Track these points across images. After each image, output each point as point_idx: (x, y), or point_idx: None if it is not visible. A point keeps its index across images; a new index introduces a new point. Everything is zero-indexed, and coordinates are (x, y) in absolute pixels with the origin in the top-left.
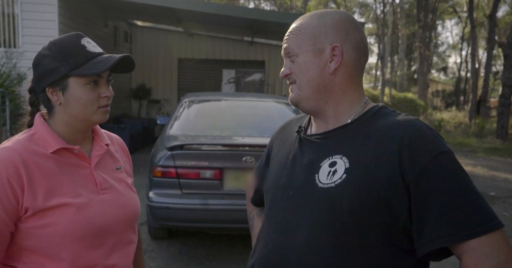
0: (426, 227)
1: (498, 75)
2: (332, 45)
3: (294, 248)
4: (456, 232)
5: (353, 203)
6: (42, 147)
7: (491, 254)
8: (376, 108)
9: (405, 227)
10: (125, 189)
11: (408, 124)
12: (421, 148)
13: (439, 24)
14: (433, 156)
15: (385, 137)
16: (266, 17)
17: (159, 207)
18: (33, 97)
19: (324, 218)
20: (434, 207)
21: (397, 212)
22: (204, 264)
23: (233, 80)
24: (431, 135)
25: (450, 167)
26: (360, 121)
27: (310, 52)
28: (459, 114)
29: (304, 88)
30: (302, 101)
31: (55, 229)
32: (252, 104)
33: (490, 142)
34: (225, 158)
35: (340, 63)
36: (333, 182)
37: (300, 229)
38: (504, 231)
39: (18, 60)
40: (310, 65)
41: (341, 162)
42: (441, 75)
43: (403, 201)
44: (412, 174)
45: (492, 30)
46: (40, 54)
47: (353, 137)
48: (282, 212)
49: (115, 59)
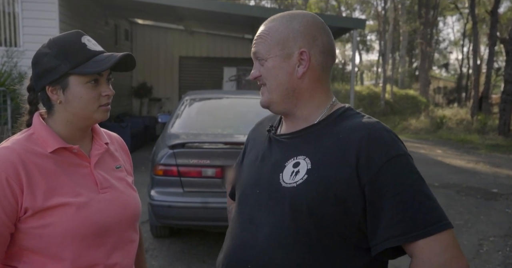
0: (379, 227)
1: (500, 71)
2: (300, 50)
3: (256, 244)
4: (406, 232)
5: (312, 203)
6: (41, 146)
7: (439, 253)
8: (342, 109)
9: (360, 227)
10: (126, 188)
11: (368, 126)
12: (377, 151)
13: (441, 20)
14: (389, 159)
15: (345, 139)
16: (267, 15)
17: (161, 206)
18: (32, 95)
19: (285, 217)
20: (387, 208)
21: (352, 212)
22: (206, 262)
23: (234, 78)
24: (389, 138)
25: (404, 169)
26: (326, 122)
27: (278, 57)
28: (461, 110)
29: (273, 92)
30: (272, 105)
31: (55, 229)
32: (253, 102)
33: (492, 139)
34: (226, 156)
35: (307, 67)
36: (294, 182)
37: (263, 226)
38: (453, 232)
39: (19, 59)
40: (278, 70)
41: (304, 163)
42: (442, 72)
43: (359, 202)
44: (368, 176)
45: (494, 26)
46: (39, 52)
47: (317, 138)
48: (248, 209)
49: (117, 57)
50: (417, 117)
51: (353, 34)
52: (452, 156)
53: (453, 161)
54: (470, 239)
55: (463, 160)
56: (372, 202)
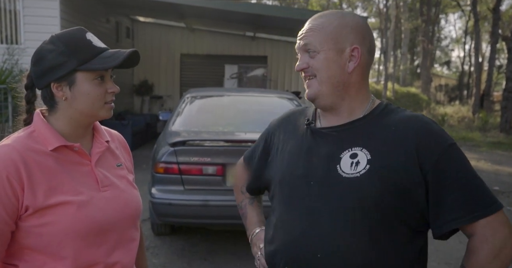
0: (443, 210)
1: (502, 69)
2: (352, 46)
3: (319, 234)
4: (470, 212)
5: (377, 191)
6: (41, 144)
7: (498, 229)
8: (384, 104)
9: (423, 212)
10: (126, 186)
11: (419, 119)
12: (434, 141)
13: (442, 18)
14: (446, 148)
15: (400, 131)
16: (269, 12)
17: (162, 203)
18: (30, 93)
19: (349, 205)
20: (449, 192)
21: (415, 198)
22: (207, 260)
23: (235, 75)
24: (439, 129)
25: (459, 157)
26: (372, 116)
27: (332, 51)
28: (463, 108)
29: (324, 83)
30: (320, 97)
31: (56, 227)
32: (254, 100)
33: (494, 136)
34: (227, 154)
35: (357, 63)
36: (357, 173)
37: (324, 216)
38: (503, 210)
39: (20, 57)
40: (331, 63)
41: (362, 154)
42: (444, 69)
43: (421, 188)
44: (429, 164)
45: (496, 24)
46: (43, 49)
47: (368, 130)
48: (303, 201)
49: (126, 54)
50: None
51: None
52: None
53: None
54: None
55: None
56: (435, 187)
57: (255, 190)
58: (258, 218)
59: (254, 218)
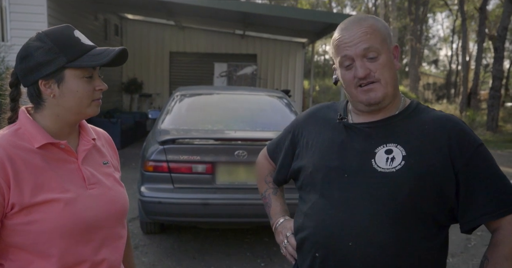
0: (473, 206)
1: (489, 67)
2: (394, 45)
3: (356, 224)
4: (496, 209)
5: (412, 186)
6: (27, 142)
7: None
8: (415, 103)
9: (452, 207)
10: (113, 184)
11: (450, 119)
12: (465, 140)
13: (430, 17)
14: (476, 147)
15: (433, 129)
16: (258, 10)
17: (151, 202)
18: (15, 91)
19: (384, 198)
20: (480, 188)
21: (447, 195)
22: (197, 259)
23: (225, 73)
24: (469, 129)
25: (488, 156)
26: (405, 114)
27: (388, 52)
28: (450, 106)
29: (389, 85)
30: (386, 99)
31: (43, 225)
32: (244, 98)
33: (481, 134)
34: (217, 152)
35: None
36: (393, 168)
37: (359, 206)
38: None
39: (7, 54)
40: (390, 63)
41: (397, 150)
42: (432, 68)
43: (452, 184)
44: (461, 162)
45: (483, 23)
46: (30, 46)
47: (403, 127)
48: (338, 192)
49: (115, 51)
50: None
51: None
52: None
53: None
54: (458, 234)
55: None
56: (466, 184)
57: (281, 181)
58: (282, 207)
59: (278, 207)
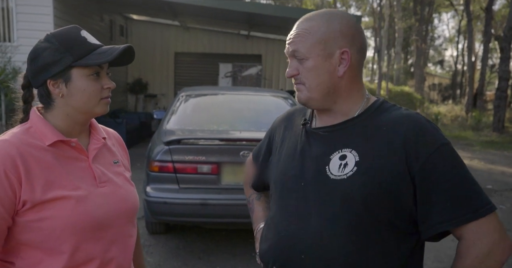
0: (432, 212)
1: (495, 68)
2: (342, 50)
3: (307, 235)
4: (459, 215)
5: (365, 193)
6: (38, 140)
7: (487, 234)
8: (379, 102)
9: (411, 214)
10: (124, 183)
11: (411, 118)
12: (424, 141)
13: (436, 17)
14: (436, 148)
15: (390, 131)
16: (263, 11)
17: (157, 202)
18: (27, 93)
19: (337, 208)
20: (438, 193)
21: (404, 200)
22: (202, 259)
23: (229, 74)
24: (432, 128)
25: (450, 157)
26: (365, 116)
27: (320, 57)
28: (456, 107)
29: (314, 91)
30: (311, 102)
31: (54, 222)
32: (249, 98)
33: (487, 135)
34: (222, 152)
35: (348, 66)
36: (344, 174)
37: (313, 218)
38: (497, 214)
39: (13, 54)
40: (320, 69)
41: (351, 155)
42: (437, 69)
43: (409, 190)
44: (418, 165)
45: (489, 23)
46: (38, 47)
47: (359, 131)
48: (293, 202)
49: (120, 49)
50: None
51: None
52: None
53: None
54: None
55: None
56: (423, 189)
57: (259, 187)
58: (264, 213)
59: (259, 213)
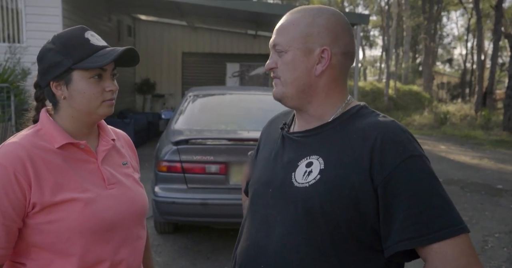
0: (392, 229)
1: (505, 66)
2: (322, 47)
3: (269, 245)
4: (419, 235)
5: (324, 203)
6: (48, 142)
7: (452, 259)
8: (357, 107)
9: (374, 228)
10: (133, 184)
11: (382, 126)
12: (391, 151)
13: (444, 15)
14: (403, 160)
15: (359, 138)
16: (270, 11)
17: (165, 202)
18: (39, 92)
19: (298, 217)
20: (400, 209)
21: (365, 213)
22: (210, 259)
23: (237, 74)
24: (404, 138)
25: (418, 171)
26: (340, 121)
27: (299, 51)
28: (465, 106)
29: (288, 86)
30: (285, 98)
31: (63, 224)
32: (257, 98)
33: (497, 135)
34: (230, 152)
35: (327, 66)
36: (307, 182)
37: (277, 225)
38: (469, 237)
39: (22, 55)
40: (298, 64)
41: (317, 162)
42: (446, 67)
43: (372, 203)
44: (381, 177)
45: (499, 21)
46: (44, 48)
47: (331, 137)
48: (262, 209)
49: (118, 52)
50: (421, 113)
51: (356, 30)
52: (456, 152)
53: (457, 157)
54: (474, 236)
55: (467, 156)
56: (385, 203)
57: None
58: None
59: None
